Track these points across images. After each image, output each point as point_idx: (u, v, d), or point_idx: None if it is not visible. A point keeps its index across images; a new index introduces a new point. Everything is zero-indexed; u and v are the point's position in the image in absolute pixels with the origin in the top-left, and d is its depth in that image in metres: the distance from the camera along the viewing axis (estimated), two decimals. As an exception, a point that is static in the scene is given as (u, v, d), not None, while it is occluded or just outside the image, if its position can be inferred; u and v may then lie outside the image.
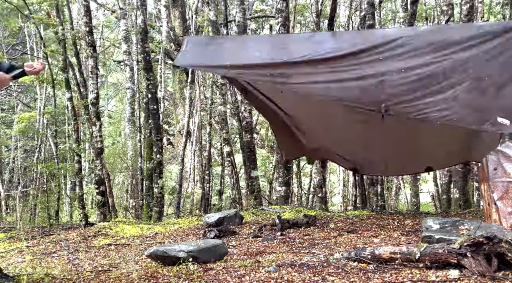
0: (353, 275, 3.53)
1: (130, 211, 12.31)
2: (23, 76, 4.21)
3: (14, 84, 18.00)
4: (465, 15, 9.18)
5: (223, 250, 4.49)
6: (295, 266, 3.90)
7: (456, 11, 12.83)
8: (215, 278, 3.64)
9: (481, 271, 3.20)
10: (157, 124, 9.54)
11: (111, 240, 6.42)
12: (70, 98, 10.20)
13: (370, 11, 9.95)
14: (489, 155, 4.76)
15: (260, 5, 20.30)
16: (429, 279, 3.30)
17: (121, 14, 12.81)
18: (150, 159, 9.21)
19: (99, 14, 20.50)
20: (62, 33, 9.67)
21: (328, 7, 13.33)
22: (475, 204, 10.81)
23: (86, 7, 9.55)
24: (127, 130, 14.89)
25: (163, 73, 12.88)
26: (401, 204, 15.64)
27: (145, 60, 9.42)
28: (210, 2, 10.48)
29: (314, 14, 12.50)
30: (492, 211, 4.68)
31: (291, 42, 5.78)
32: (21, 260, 5.13)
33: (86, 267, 4.55)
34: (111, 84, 22.00)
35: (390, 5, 18.85)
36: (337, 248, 4.92)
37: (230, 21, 13.59)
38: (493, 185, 4.67)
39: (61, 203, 12.01)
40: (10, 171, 16.52)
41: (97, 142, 9.28)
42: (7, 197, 14.87)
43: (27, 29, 16.40)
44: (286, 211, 8.33)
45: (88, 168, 15.27)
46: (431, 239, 4.19)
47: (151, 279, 3.75)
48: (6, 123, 19.15)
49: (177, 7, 14.96)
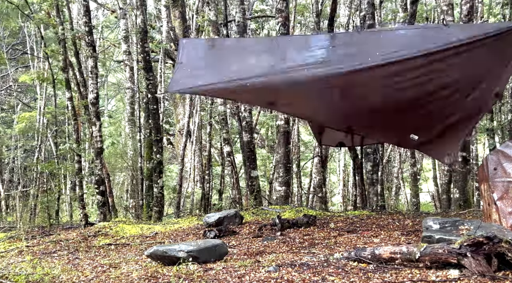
0: (353, 275, 3.53)
1: (130, 211, 12.30)
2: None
3: (14, 84, 18.01)
4: (465, 15, 9.17)
5: (223, 250, 4.49)
6: (295, 266, 3.90)
7: (456, 11, 12.83)
8: (215, 278, 3.64)
9: (481, 271, 3.20)
10: (157, 124, 9.53)
11: (111, 240, 6.42)
12: (70, 98, 10.20)
13: (370, 11, 9.94)
14: (489, 155, 4.76)
15: (260, 5, 20.30)
16: (429, 279, 3.30)
17: (121, 14, 12.81)
18: (150, 159, 9.21)
19: (99, 14, 20.50)
20: (62, 33, 9.66)
21: (328, 7, 13.32)
22: (475, 204, 10.81)
23: (85, 7, 9.54)
24: (127, 130, 14.89)
25: (163, 73, 12.87)
26: (401, 204, 15.63)
27: (145, 60, 9.41)
28: (210, 2, 10.47)
29: (314, 14, 12.50)
30: (492, 211, 4.68)
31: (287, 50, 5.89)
32: (21, 260, 5.12)
33: (86, 267, 4.55)
34: (111, 84, 22.00)
35: (390, 5, 18.85)
36: (337, 248, 4.92)
37: (230, 21, 13.58)
38: (493, 185, 4.67)
39: (61, 203, 12.02)
40: (10, 171, 16.53)
41: (97, 142, 9.28)
42: (7, 197, 14.87)
43: (27, 29, 16.41)
44: (286, 211, 8.33)
45: (88, 168, 15.27)
46: (431, 239, 4.19)
47: (151, 279, 3.75)
48: (6, 123, 19.16)
49: (177, 7, 14.95)
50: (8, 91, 19.86)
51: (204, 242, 4.56)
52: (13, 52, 19.06)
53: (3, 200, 14.13)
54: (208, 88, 5.23)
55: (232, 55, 5.95)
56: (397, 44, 5.27)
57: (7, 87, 19.38)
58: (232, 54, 6.01)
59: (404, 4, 13.08)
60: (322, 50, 5.49)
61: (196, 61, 5.73)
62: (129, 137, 14.31)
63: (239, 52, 6.06)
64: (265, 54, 5.72)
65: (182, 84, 5.40)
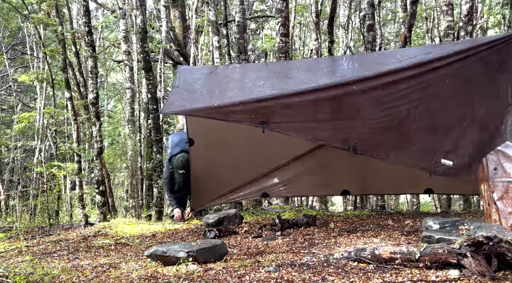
0: (353, 275, 3.53)
1: (130, 211, 12.30)
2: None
3: (14, 84, 18.01)
4: (465, 15, 9.18)
5: (223, 250, 4.49)
6: (295, 266, 3.90)
7: (456, 11, 12.83)
8: (215, 278, 3.64)
9: (481, 271, 3.20)
10: (157, 124, 9.54)
11: (111, 240, 6.42)
12: (70, 98, 10.19)
13: (370, 11, 9.95)
14: (489, 155, 4.76)
15: (260, 5, 20.32)
16: (429, 279, 3.30)
17: (121, 14, 12.80)
18: (150, 159, 9.21)
19: (99, 14, 20.51)
20: (62, 33, 9.66)
21: (328, 7, 13.33)
22: (475, 204, 10.81)
23: (85, 7, 9.54)
24: (127, 130, 14.88)
25: (163, 73, 12.87)
26: (401, 204, 15.64)
27: (145, 60, 9.41)
28: (209, 2, 10.47)
29: (314, 14, 12.49)
30: (492, 211, 4.68)
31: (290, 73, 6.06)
32: (21, 260, 5.12)
33: (86, 267, 4.55)
34: (110, 84, 21.99)
35: (390, 5, 18.86)
36: (337, 248, 4.92)
37: (230, 21, 13.58)
38: (493, 185, 4.67)
39: (61, 203, 12.01)
40: (10, 171, 16.52)
41: (97, 142, 9.28)
42: (7, 197, 14.87)
43: (26, 29, 16.41)
44: (286, 211, 8.33)
45: (88, 168, 15.26)
46: (431, 239, 4.19)
47: (151, 279, 3.75)
48: (6, 123, 19.15)
49: (177, 7, 14.95)
50: (8, 91, 19.85)
51: (204, 242, 4.56)
52: (12, 52, 19.04)
53: (3, 200, 14.12)
54: (202, 110, 5.34)
55: (229, 81, 6.10)
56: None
57: (7, 87, 19.37)
58: (229, 80, 6.16)
59: (404, 4, 13.10)
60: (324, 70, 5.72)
61: (192, 85, 5.85)
62: (128, 137, 14.30)
63: (236, 78, 6.21)
64: (261, 79, 5.87)
65: (177, 106, 5.52)
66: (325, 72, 5.93)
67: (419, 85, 5.23)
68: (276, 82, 5.81)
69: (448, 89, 5.26)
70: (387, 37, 17.79)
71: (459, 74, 5.26)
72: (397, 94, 5.23)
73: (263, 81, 5.81)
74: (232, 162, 7.40)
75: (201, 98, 5.62)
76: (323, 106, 5.28)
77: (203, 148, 7.25)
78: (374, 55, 7.17)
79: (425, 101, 5.28)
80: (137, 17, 9.63)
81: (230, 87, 5.90)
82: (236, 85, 6.01)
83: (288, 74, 6.10)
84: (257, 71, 6.45)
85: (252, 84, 5.83)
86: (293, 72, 6.22)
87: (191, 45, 13.46)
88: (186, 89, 5.74)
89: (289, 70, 6.32)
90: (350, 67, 5.97)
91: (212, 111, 5.25)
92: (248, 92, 5.64)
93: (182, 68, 6.93)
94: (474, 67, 5.26)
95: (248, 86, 5.85)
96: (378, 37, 12.03)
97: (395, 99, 5.24)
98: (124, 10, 12.64)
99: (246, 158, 7.41)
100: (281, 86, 5.67)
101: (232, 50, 12.40)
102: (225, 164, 7.38)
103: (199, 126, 6.96)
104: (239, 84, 6.05)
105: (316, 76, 5.84)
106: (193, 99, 5.56)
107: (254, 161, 7.53)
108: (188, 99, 5.53)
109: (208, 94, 5.74)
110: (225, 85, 6.02)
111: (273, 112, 5.21)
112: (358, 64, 6.07)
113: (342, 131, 5.38)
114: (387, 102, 5.25)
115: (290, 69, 6.36)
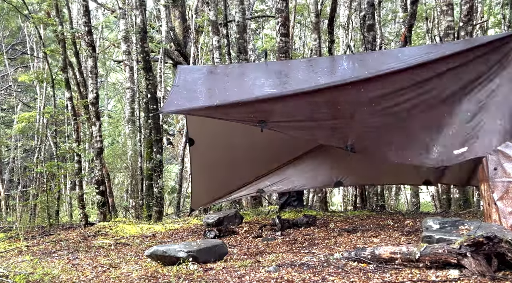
0: (353, 275, 3.53)
1: (130, 211, 12.30)
2: None
3: (14, 84, 18.00)
4: (465, 15, 9.18)
5: (223, 250, 4.49)
6: (295, 266, 3.90)
7: (456, 11, 12.82)
8: (215, 278, 3.64)
9: (481, 271, 3.20)
10: (157, 124, 9.53)
11: (111, 240, 6.42)
12: (70, 98, 10.19)
13: (370, 11, 9.94)
14: (489, 155, 4.76)
15: (260, 5, 20.31)
16: (429, 279, 3.30)
17: (121, 13, 12.80)
18: (150, 159, 9.21)
19: (99, 13, 20.49)
20: (62, 33, 9.66)
21: (328, 7, 13.33)
22: (475, 204, 10.81)
23: (85, 7, 9.54)
24: (127, 130, 14.88)
25: (163, 73, 12.87)
26: (401, 204, 15.64)
27: (145, 60, 9.41)
28: (210, 2, 10.47)
29: (314, 14, 12.48)
30: (492, 211, 4.68)
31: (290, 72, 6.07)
32: (21, 260, 5.12)
33: (86, 267, 4.55)
34: (110, 84, 21.98)
35: (390, 5, 18.86)
36: (337, 248, 4.92)
37: (230, 21, 13.57)
38: (493, 185, 4.67)
39: (61, 203, 12.00)
40: (10, 171, 16.51)
41: (96, 142, 9.28)
42: (7, 197, 14.86)
43: (26, 29, 16.40)
44: (286, 211, 8.33)
45: (88, 168, 15.26)
46: (431, 239, 4.19)
47: (151, 279, 3.75)
48: (6, 123, 19.14)
49: (177, 7, 14.95)
50: (8, 91, 19.84)
51: (204, 242, 4.56)
52: (12, 52, 19.03)
53: (3, 200, 14.12)
54: (202, 109, 5.34)
55: (228, 80, 6.12)
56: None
57: (7, 87, 19.36)
58: (228, 79, 6.18)
59: (404, 4, 13.09)
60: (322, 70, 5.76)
61: (192, 84, 5.86)
62: (128, 137, 14.30)
63: (235, 77, 6.23)
64: (260, 78, 5.89)
65: (176, 105, 5.53)
66: (325, 72, 5.93)
67: (419, 85, 5.23)
68: (276, 82, 5.81)
69: (447, 88, 5.26)
70: (387, 37, 17.79)
71: (459, 74, 5.25)
72: (397, 93, 5.23)
73: (262, 81, 5.82)
74: (232, 161, 7.40)
75: (201, 97, 5.64)
76: (321, 105, 5.29)
77: (203, 148, 7.24)
78: (374, 55, 7.15)
79: (424, 100, 5.28)
80: (137, 17, 9.63)
81: (230, 87, 5.92)
82: (236, 85, 6.03)
83: (288, 73, 6.10)
84: (256, 71, 6.46)
85: (252, 83, 5.84)
86: (293, 71, 6.23)
87: (191, 45, 13.47)
88: (186, 88, 5.76)
89: (288, 69, 6.32)
90: (350, 67, 5.97)
91: (212, 110, 5.25)
92: (247, 91, 5.66)
93: (182, 68, 6.94)
94: (474, 66, 5.25)
95: (247, 85, 5.87)
96: (378, 37, 12.03)
97: (394, 98, 5.23)
98: (124, 10, 12.64)
99: (246, 158, 7.40)
100: (281, 85, 5.68)
101: (232, 50, 12.40)
102: (225, 163, 7.38)
103: (199, 126, 6.95)
104: (239, 84, 6.06)
105: (316, 75, 5.84)
106: (193, 98, 5.58)
107: (253, 160, 7.52)
108: (188, 98, 5.54)
109: (207, 93, 5.77)
110: (224, 84, 6.03)
111: (271, 111, 5.22)
112: (358, 64, 6.07)
113: (339, 130, 5.38)
114: (386, 102, 5.24)
115: (289, 69, 6.36)
